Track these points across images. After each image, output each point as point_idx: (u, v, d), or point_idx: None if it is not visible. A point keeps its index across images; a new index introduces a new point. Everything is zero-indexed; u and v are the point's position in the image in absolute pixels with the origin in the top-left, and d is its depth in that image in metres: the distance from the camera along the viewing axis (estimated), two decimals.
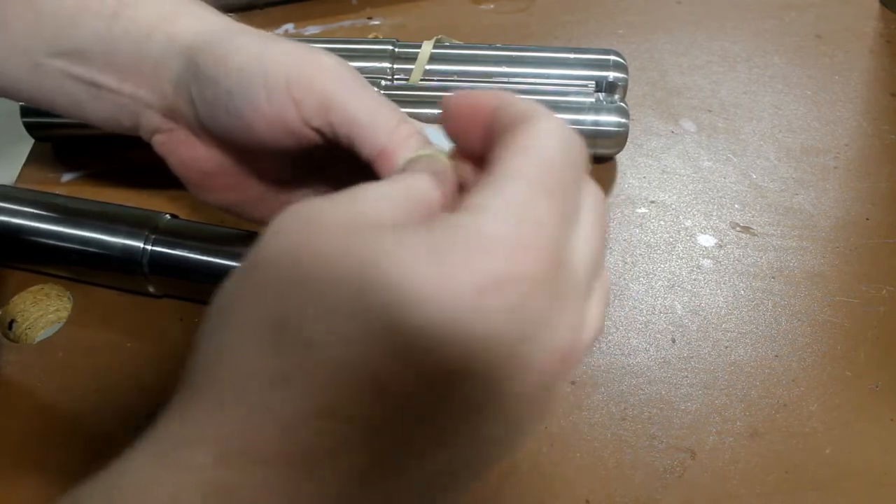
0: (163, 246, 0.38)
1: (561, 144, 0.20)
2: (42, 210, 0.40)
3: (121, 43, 0.30)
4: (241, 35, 0.29)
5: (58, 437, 0.36)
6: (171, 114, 0.31)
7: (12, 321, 0.42)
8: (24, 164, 0.50)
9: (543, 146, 0.19)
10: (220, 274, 0.38)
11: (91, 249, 0.39)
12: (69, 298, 0.42)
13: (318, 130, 0.28)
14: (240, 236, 0.39)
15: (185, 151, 0.32)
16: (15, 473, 0.35)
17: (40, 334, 0.42)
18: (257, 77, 0.28)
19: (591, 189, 0.21)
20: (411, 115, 0.46)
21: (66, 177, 0.49)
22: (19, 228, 0.40)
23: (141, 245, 0.38)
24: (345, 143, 0.28)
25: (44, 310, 0.43)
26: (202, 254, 0.38)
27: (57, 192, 0.43)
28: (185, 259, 0.38)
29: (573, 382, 0.39)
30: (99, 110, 0.32)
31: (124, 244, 0.38)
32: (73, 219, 0.39)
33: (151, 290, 0.40)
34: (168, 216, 0.40)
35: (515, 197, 0.18)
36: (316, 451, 0.17)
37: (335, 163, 0.32)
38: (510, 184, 0.19)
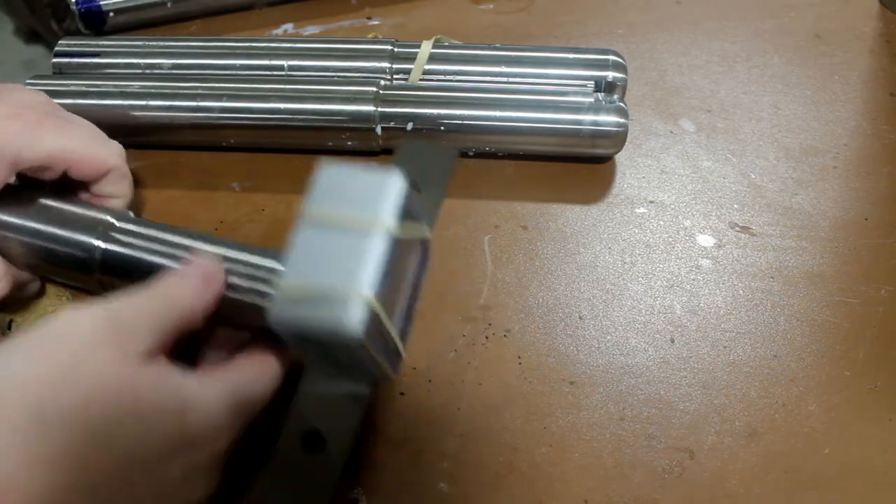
0: (117, 245, 0.37)
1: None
2: None
3: None
4: None
5: None
6: None
7: (12, 321, 0.42)
8: None
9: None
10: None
11: (44, 244, 0.38)
12: (68, 298, 0.42)
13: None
14: (192, 236, 0.37)
15: None
16: None
17: None
18: None
19: None
20: (411, 116, 0.47)
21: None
22: None
23: (93, 243, 0.37)
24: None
25: (43, 310, 0.43)
26: (155, 256, 0.36)
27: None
28: (139, 261, 0.37)
29: (572, 382, 0.39)
30: None
31: (78, 242, 0.37)
32: (25, 223, 0.38)
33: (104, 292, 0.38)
34: (115, 221, 0.38)
35: None
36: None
37: None
38: None
